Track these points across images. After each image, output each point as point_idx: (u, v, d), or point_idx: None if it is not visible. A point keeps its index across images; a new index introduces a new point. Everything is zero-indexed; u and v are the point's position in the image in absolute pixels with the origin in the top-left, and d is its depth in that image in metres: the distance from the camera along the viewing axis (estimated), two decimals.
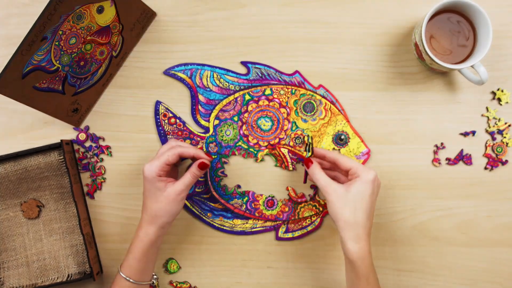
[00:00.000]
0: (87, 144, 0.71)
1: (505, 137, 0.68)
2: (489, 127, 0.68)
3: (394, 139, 0.69)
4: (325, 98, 0.69)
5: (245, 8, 0.70)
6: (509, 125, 0.68)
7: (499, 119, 0.68)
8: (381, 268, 0.69)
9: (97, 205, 0.71)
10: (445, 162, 0.68)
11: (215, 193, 0.70)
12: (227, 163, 0.70)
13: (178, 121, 0.70)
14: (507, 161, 0.68)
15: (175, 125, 0.70)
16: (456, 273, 0.69)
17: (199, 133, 0.70)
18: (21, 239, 0.70)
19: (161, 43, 0.70)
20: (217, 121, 0.69)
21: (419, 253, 0.69)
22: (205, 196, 0.70)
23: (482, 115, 0.68)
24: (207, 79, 0.69)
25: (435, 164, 0.68)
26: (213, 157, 0.69)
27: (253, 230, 0.70)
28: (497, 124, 0.68)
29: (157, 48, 0.70)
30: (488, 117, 0.68)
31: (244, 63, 0.69)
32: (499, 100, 0.68)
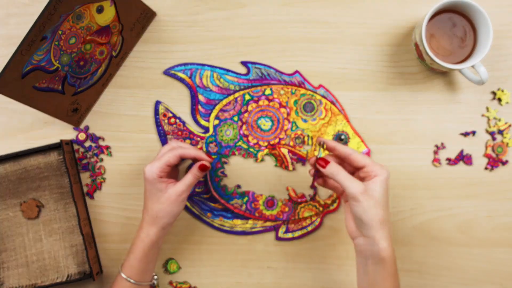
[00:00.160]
0: (87, 144, 0.71)
1: (505, 137, 0.68)
2: (490, 127, 0.68)
3: (394, 139, 0.69)
4: (325, 98, 0.69)
5: (245, 8, 0.70)
6: (510, 125, 0.68)
7: (500, 119, 0.68)
8: None
9: (96, 205, 0.71)
10: (445, 162, 0.68)
11: (215, 193, 0.70)
12: (227, 163, 0.70)
13: (178, 121, 0.70)
14: (507, 161, 0.68)
15: (175, 125, 0.70)
16: (456, 273, 0.69)
17: (199, 133, 0.69)
18: (21, 239, 0.70)
19: (161, 43, 0.70)
20: (217, 121, 0.69)
21: (419, 253, 0.69)
22: (205, 196, 0.70)
23: (482, 115, 0.68)
24: (207, 79, 0.69)
25: (435, 164, 0.68)
26: (214, 157, 0.69)
27: (253, 230, 0.70)
28: (497, 124, 0.68)
29: (157, 48, 0.70)
30: (488, 117, 0.68)
31: (244, 63, 0.69)
32: (500, 100, 0.68)
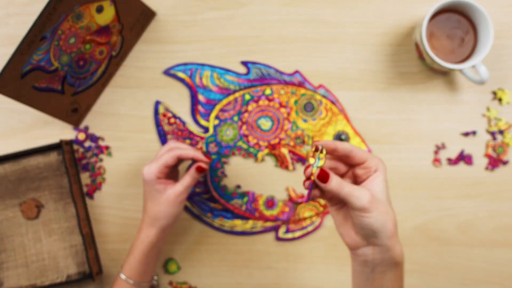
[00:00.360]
0: (87, 144, 0.71)
1: (506, 137, 0.67)
2: (490, 127, 0.68)
3: (394, 139, 0.69)
4: (326, 98, 0.68)
5: (245, 7, 0.69)
6: (510, 125, 0.68)
7: (500, 119, 0.68)
8: None
9: (96, 205, 0.71)
10: (445, 162, 0.68)
11: (215, 193, 0.69)
12: (227, 163, 0.69)
13: (178, 121, 0.70)
14: (508, 161, 0.68)
15: (174, 125, 0.70)
16: (456, 273, 0.69)
17: (199, 133, 0.69)
18: (20, 239, 0.70)
19: (161, 43, 0.70)
20: (217, 121, 0.69)
21: (419, 253, 0.69)
22: (205, 196, 0.70)
23: (483, 115, 0.68)
24: (207, 79, 0.69)
25: (435, 164, 0.68)
26: (212, 158, 0.69)
27: (253, 230, 0.69)
28: (498, 124, 0.68)
29: (156, 48, 0.70)
30: (489, 117, 0.68)
31: (244, 63, 0.69)
32: (500, 100, 0.68)
